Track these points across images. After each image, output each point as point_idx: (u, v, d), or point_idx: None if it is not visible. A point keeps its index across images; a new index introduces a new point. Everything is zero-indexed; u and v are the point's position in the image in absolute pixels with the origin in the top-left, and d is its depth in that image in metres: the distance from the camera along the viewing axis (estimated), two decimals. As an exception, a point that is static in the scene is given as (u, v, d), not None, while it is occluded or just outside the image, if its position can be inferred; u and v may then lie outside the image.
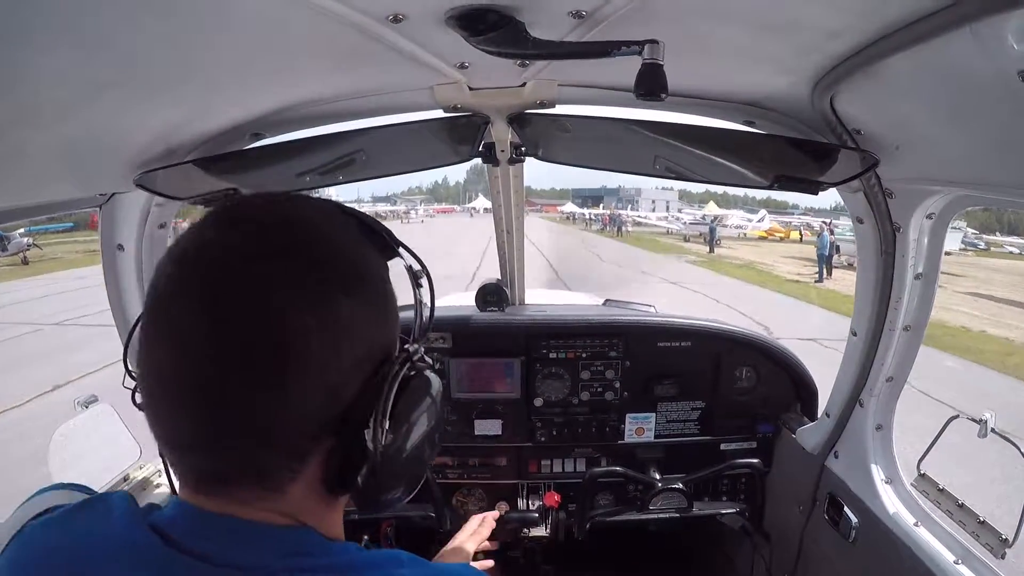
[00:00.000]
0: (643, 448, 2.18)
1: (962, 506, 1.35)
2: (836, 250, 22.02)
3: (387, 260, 0.69)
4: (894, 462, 1.58)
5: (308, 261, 0.57)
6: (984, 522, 1.29)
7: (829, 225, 26.41)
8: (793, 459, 1.96)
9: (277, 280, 0.55)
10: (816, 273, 21.05)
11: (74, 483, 0.74)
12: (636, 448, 2.18)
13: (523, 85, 1.26)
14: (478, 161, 1.69)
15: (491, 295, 2.23)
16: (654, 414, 2.16)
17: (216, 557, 0.54)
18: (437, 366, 0.67)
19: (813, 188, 1.22)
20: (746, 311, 12.60)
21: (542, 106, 1.37)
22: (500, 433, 2.15)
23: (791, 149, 1.26)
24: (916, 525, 1.45)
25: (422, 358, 0.66)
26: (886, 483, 1.56)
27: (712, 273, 21.55)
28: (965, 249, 34.19)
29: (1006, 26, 0.69)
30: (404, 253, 0.72)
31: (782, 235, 42.82)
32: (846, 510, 1.63)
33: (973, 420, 1.34)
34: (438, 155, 1.70)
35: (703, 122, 1.33)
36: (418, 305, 0.71)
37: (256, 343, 0.53)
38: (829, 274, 20.74)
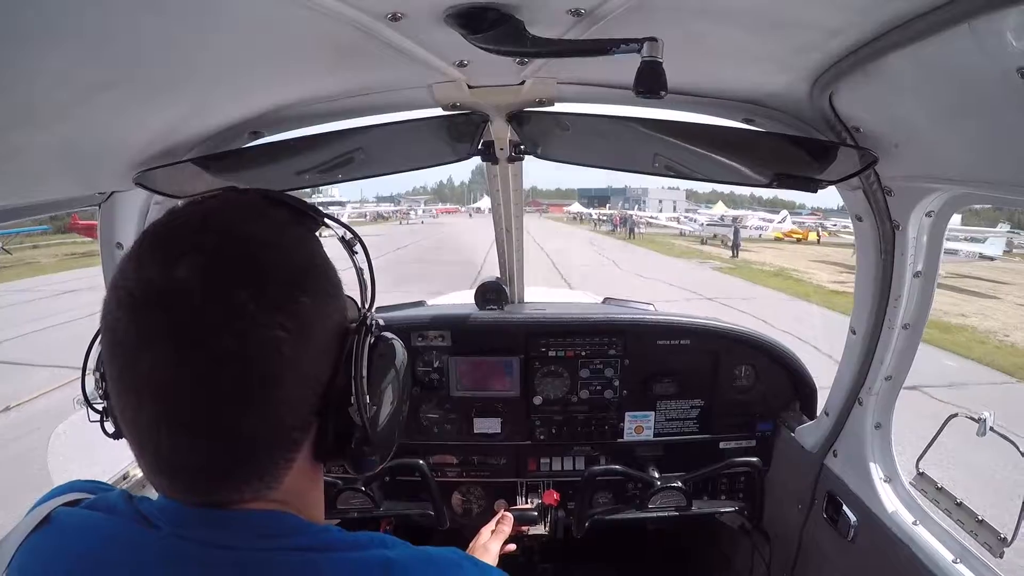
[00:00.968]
0: (642, 446, 2.18)
1: (960, 505, 1.34)
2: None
3: (316, 231, 0.69)
4: (893, 461, 1.58)
5: (261, 276, 0.57)
6: (983, 521, 1.29)
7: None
8: (792, 458, 1.96)
9: (240, 306, 0.54)
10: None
11: (89, 480, 0.74)
12: (635, 446, 2.18)
13: (522, 83, 1.26)
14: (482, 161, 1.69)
15: (490, 293, 2.23)
16: (653, 412, 2.16)
17: (197, 538, 0.57)
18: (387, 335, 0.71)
19: (812, 186, 1.22)
20: (822, 346, 8.20)
21: (541, 104, 1.37)
22: (499, 431, 2.15)
23: (790, 147, 1.26)
24: (915, 524, 1.45)
25: (376, 323, 0.68)
26: (885, 482, 1.57)
27: (742, 281, 18.93)
28: (1010, 252, 28.94)
29: (1005, 23, 0.69)
30: (333, 224, 0.73)
31: (799, 236, 40.24)
32: (845, 509, 1.63)
33: (972, 419, 1.34)
34: (437, 153, 1.70)
35: (702, 120, 1.33)
36: (359, 273, 0.72)
37: (239, 372, 0.54)
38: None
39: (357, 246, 0.74)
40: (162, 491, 0.59)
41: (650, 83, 0.78)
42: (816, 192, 1.25)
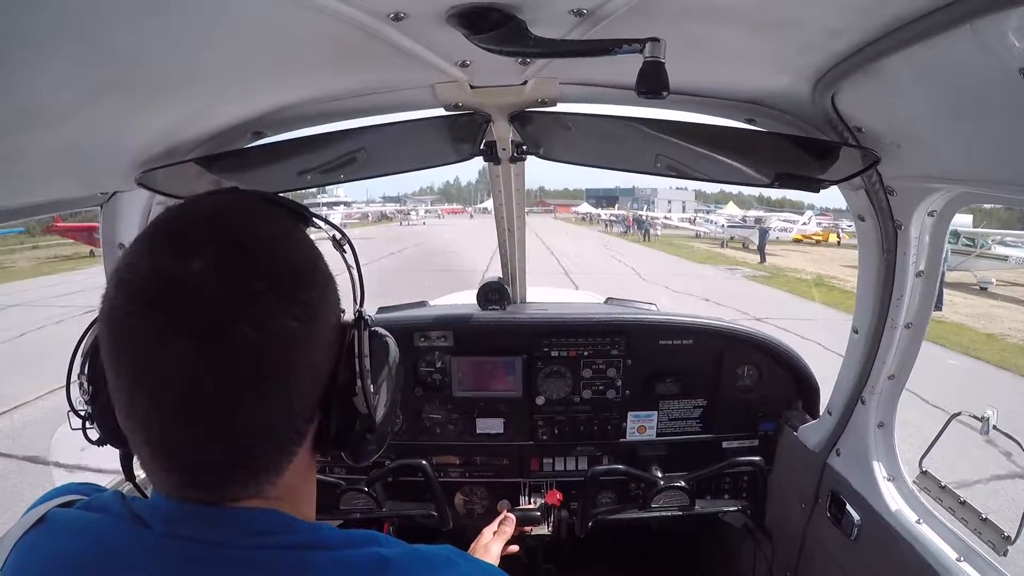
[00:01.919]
0: (645, 446, 2.18)
1: (964, 503, 1.34)
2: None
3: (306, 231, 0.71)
4: (896, 460, 1.58)
5: (273, 269, 0.58)
6: (986, 519, 1.29)
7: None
8: (795, 457, 1.96)
9: (256, 296, 0.55)
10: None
11: (84, 483, 0.74)
12: (638, 446, 2.18)
13: (524, 83, 1.26)
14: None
15: (492, 293, 2.23)
16: (656, 412, 2.16)
17: (190, 537, 0.57)
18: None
19: (814, 186, 1.22)
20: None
21: (543, 104, 1.37)
22: (502, 432, 2.15)
23: (792, 147, 1.26)
24: (918, 522, 1.45)
25: (370, 319, 0.70)
26: (888, 480, 1.56)
27: (783, 293, 16.05)
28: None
29: (1007, 23, 0.69)
30: (324, 225, 0.74)
31: (819, 238, 38.10)
32: (848, 508, 1.63)
33: (975, 417, 1.34)
34: (439, 153, 1.70)
35: (704, 120, 1.33)
36: (351, 270, 0.74)
37: (258, 360, 0.55)
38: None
39: (346, 246, 0.76)
40: (167, 489, 0.59)
41: (652, 83, 0.78)
42: (818, 192, 1.25)
